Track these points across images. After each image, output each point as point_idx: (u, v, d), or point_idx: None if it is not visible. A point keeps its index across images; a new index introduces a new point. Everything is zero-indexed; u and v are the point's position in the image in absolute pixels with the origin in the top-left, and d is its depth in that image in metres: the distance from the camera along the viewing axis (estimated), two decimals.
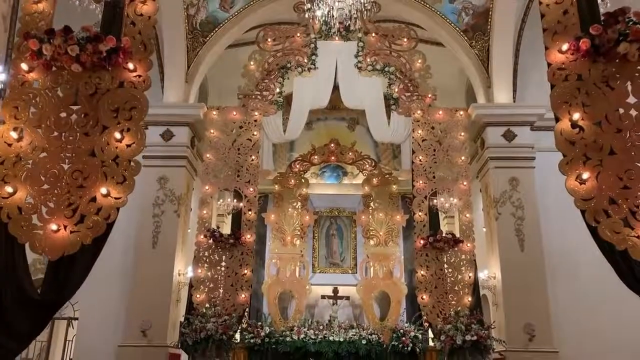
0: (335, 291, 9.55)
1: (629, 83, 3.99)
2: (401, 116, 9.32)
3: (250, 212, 8.83)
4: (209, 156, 9.11)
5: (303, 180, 10.21)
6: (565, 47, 4.04)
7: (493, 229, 9.06)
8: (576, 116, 3.89)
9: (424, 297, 8.35)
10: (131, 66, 4.24)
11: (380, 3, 9.26)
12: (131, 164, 4.09)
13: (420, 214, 8.81)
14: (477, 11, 9.56)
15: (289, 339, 8.48)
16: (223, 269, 8.50)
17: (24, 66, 4.21)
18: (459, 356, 7.86)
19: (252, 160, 9.07)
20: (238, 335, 8.45)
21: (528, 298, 8.40)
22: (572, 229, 8.69)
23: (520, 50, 9.56)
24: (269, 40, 9.54)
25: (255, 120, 9.27)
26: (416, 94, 9.35)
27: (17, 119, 4.15)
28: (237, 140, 9.17)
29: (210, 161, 9.08)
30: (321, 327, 8.79)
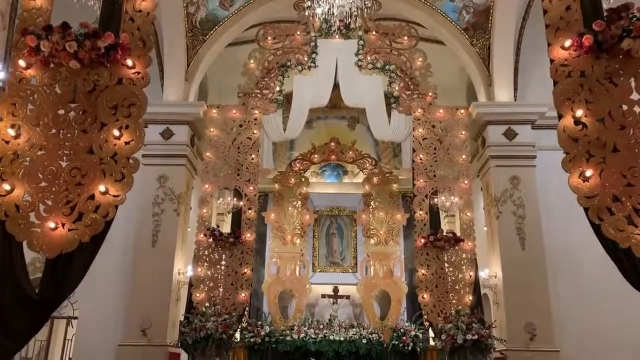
0: (336, 290, 9.52)
1: (632, 79, 3.95)
2: (402, 115, 9.28)
3: (250, 211, 8.80)
4: (208, 155, 9.08)
5: (303, 179, 10.20)
6: (568, 43, 4.00)
7: (494, 227, 9.03)
8: (579, 113, 3.85)
9: (425, 296, 8.32)
10: (130, 63, 4.20)
11: (381, 1, 9.26)
12: (130, 161, 4.06)
13: (420, 212, 8.77)
14: (477, 9, 9.52)
15: (289, 338, 8.47)
16: (223, 267, 8.47)
17: (22, 63, 4.16)
18: (460, 355, 7.83)
19: (252, 158, 9.03)
20: (238, 335, 8.43)
21: (529, 297, 8.37)
22: (573, 227, 8.71)
23: (521, 48, 9.52)
24: (269, 39, 9.49)
25: (255, 119, 9.24)
26: (417, 92, 9.31)
27: (15, 116, 4.10)
28: (237, 139, 9.14)
29: (210, 160, 9.05)
30: (321, 327, 8.78)
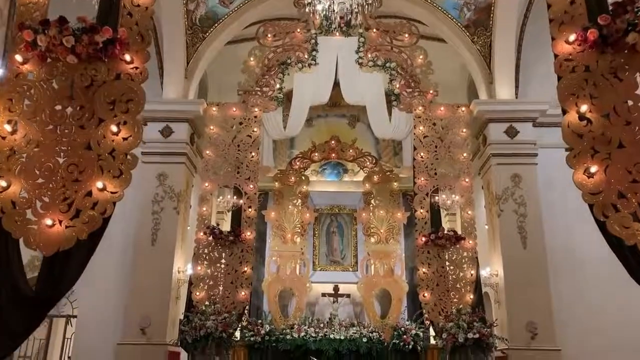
0: (336, 289, 9.48)
1: (637, 74, 3.89)
2: (402, 112, 9.24)
3: (250, 209, 8.75)
4: (208, 153, 9.03)
5: (303, 178, 10.16)
6: (572, 37, 3.94)
7: (495, 226, 8.99)
8: (584, 108, 3.79)
9: (426, 294, 8.28)
10: (128, 58, 4.13)
11: None
12: (128, 157, 3.99)
13: (421, 211, 8.73)
14: (479, 6, 9.47)
15: (289, 337, 8.43)
16: (223, 266, 8.42)
17: (18, 57, 4.10)
18: (461, 354, 7.80)
19: (252, 156, 8.98)
20: (238, 333, 8.38)
21: (530, 296, 8.34)
22: (574, 226, 8.72)
23: (522, 45, 9.48)
24: (269, 36, 9.44)
25: (255, 117, 9.18)
26: (417, 90, 9.26)
27: (11, 111, 4.04)
28: (237, 137, 9.09)
29: (210, 158, 9.00)
30: (322, 325, 8.74)
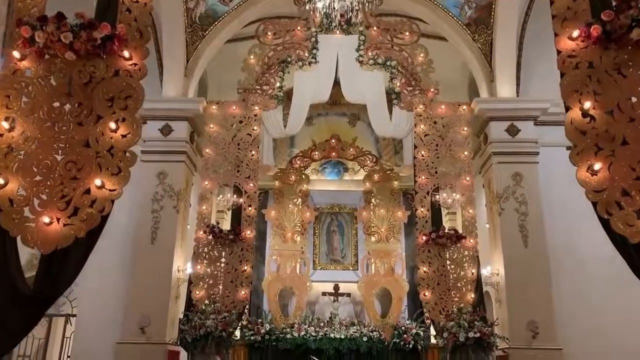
0: (336, 288, 9.44)
1: None
2: (403, 111, 9.20)
3: (250, 208, 8.71)
4: (208, 151, 8.99)
5: (304, 176, 10.14)
6: (575, 33, 3.89)
7: (496, 224, 8.95)
8: (587, 105, 3.75)
9: (426, 293, 8.24)
10: (127, 54, 4.08)
11: None
12: (126, 154, 3.94)
13: (422, 209, 8.69)
14: (479, 4, 9.42)
15: (289, 336, 8.41)
16: (223, 265, 8.39)
17: (16, 54, 4.04)
18: (462, 354, 7.77)
19: (252, 155, 8.94)
20: (238, 332, 8.36)
21: (531, 295, 8.31)
22: (576, 224, 8.68)
23: (523, 43, 9.43)
24: (269, 34, 9.40)
25: (255, 115, 9.15)
26: (418, 88, 9.22)
27: (9, 108, 3.99)
28: (237, 135, 9.05)
29: (210, 156, 8.96)
30: (322, 324, 8.72)
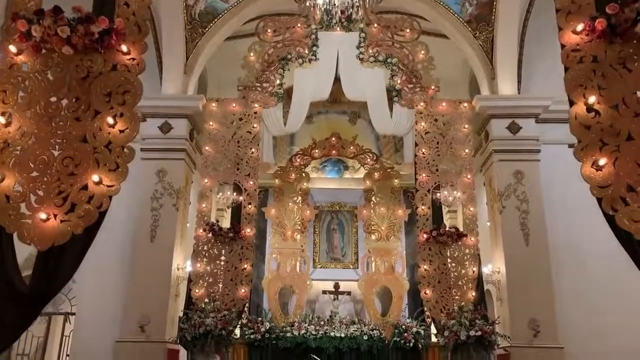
0: (337, 286, 9.43)
1: None
2: (404, 108, 9.15)
3: (250, 206, 8.67)
4: (208, 149, 8.94)
5: (304, 175, 10.10)
6: (579, 27, 3.84)
7: (497, 222, 8.90)
8: (592, 99, 3.69)
9: (427, 292, 8.20)
10: (125, 49, 4.02)
11: None
12: (124, 150, 3.87)
13: (422, 207, 8.65)
14: (481, 1, 9.38)
15: (289, 335, 8.40)
16: (222, 263, 8.34)
17: (12, 48, 3.99)
18: (463, 352, 7.72)
19: (252, 153, 8.89)
20: (238, 331, 8.34)
21: (533, 293, 8.26)
22: (577, 222, 8.65)
23: (525, 41, 9.37)
24: (269, 31, 9.35)
25: (255, 113, 9.10)
26: (419, 85, 9.18)
27: (5, 103, 3.93)
28: (236, 133, 9.00)
29: (210, 154, 8.91)
30: (322, 323, 8.70)
